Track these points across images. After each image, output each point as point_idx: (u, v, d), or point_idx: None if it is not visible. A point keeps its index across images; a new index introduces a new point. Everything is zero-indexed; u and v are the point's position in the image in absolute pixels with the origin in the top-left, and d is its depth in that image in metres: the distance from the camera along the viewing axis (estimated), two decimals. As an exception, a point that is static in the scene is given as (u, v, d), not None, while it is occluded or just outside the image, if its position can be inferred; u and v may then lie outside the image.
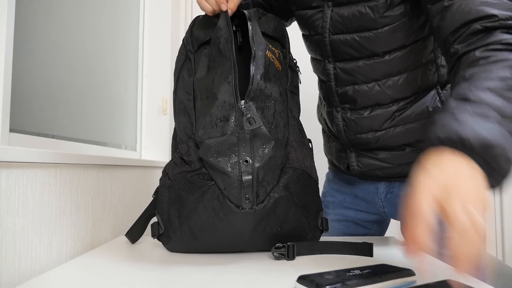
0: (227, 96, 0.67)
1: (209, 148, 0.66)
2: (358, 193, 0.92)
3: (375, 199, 0.89)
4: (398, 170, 0.82)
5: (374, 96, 0.80)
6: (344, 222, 0.95)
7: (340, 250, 0.74)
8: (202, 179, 0.67)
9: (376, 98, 0.80)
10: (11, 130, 0.73)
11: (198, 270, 0.61)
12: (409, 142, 0.80)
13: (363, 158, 0.85)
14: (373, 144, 0.82)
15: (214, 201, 0.65)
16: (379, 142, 0.82)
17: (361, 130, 0.82)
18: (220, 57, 0.70)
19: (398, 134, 0.80)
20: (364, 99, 0.80)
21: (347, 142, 0.86)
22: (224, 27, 0.70)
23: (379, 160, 0.83)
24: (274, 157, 0.67)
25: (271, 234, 0.69)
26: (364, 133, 0.82)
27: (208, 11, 0.74)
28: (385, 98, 0.79)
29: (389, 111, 0.80)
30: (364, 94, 0.80)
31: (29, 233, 0.64)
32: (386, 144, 0.82)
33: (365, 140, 0.82)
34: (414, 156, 0.79)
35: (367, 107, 0.81)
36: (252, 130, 0.66)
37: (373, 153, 0.84)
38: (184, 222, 0.68)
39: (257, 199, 0.64)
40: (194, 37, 0.77)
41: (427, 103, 0.78)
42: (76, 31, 1.04)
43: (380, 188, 0.87)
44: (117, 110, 1.34)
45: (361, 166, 0.85)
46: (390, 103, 0.80)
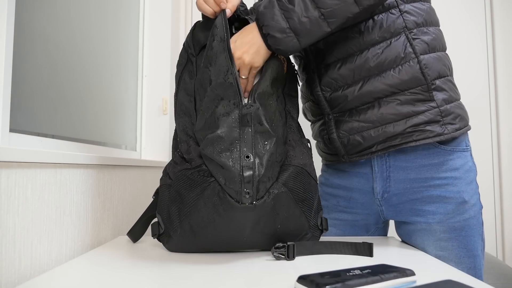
0: (230, 95, 0.67)
1: (211, 142, 0.66)
2: (353, 195, 0.91)
3: (371, 199, 0.89)
4: (379, 132, 0.80)
5: (343, 45, 0.81)
6: (340, 226, 0.94)
7: (340, 250, 0.74)
8: (202, 175, 0.67)
9: (346, 47, 0.81)
10: (11, 130, 0.73)
11: (198, 270, 0.61)
12: (385, 93, 0.79)
13: (342, 124, 0.84)
14: (350, 99, 0.81)
15: (214, 197, 0.65)
16: (355, 95, 0.81)
17: (337, 84, 0.82)
18: (211, 54, 0.70)
19: (373, 84, 0.80)
20: (334, 50, 0.82)
21: (325, 104, 0.85)
22: (220, 25, 0.70)
23: (357, 121, 0.82)
24: (275, 153, 0.67)
25: (271, 232, 0.69)
26: (340, 88, 0.82)
27: (208, 13, 0.74)
28: (354, 45, 0.80)
29: (361, 58, 0.80)
30: (333, 44, 0.81)
31: (29, 233, 0.64)
32: (362, 99, 0.81)
33: (341, 96, 0.82)
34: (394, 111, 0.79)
35: (338, 59, 0.82)
36: (254, 125, 0.66)
37: (351, 115, 0.83)
38: (184, 219, 0.68)
39: (257, 195, 0.64)
40: (195, 40, 0.78)
41: (398, 49, 0.79)
42: (76, 31, 1.04)
43: (376, 188, 0.87)
44: (117, 110, 1.34)
45: (341, 132, 0.84)
46: (360, 50, 0.80)
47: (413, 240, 0.86)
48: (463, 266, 0.81)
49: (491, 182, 1.96)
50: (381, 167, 0.85)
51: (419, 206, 0.83)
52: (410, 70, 0.78)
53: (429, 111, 0.79)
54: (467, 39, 2.00)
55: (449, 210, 0.81)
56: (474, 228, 0.82)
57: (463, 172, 0.82)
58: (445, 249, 0.81)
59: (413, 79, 0.79)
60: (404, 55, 0.79)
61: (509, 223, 1.90)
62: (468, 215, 0.81)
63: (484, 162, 1.96)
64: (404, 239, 0.90)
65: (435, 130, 0.79)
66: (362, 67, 0.80)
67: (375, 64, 0.79)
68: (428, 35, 0.81)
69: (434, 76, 0.80)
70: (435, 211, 0.81)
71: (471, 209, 0.81)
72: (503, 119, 1.96)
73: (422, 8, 0.81)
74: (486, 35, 2.02)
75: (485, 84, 2.00)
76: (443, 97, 0.80)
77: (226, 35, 0.69)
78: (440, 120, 0.79)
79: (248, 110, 0.66)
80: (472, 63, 2.00)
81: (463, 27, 2.01)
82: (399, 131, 0.79)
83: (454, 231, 0.81)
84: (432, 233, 0.82)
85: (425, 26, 0.81)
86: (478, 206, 0.84)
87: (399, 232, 0.92)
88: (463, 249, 0.81)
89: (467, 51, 2.00)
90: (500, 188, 1.94)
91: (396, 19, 0.79)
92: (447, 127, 0.80)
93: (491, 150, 1.97)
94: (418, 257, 0.74)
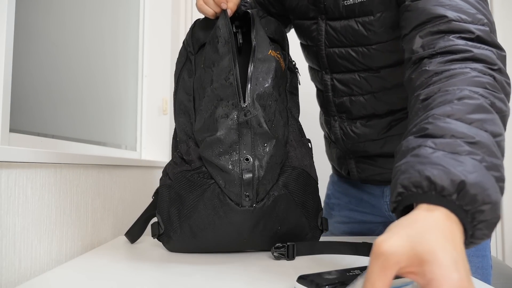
0: (229, 96, 0.67)
1: (209, 145, 0.66)
2: (363, 196, 0.92)
3: (380, 202, 0.89)
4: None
5: (370, 107, 0.81)
6: (349, 224, 0.95)
7: (340, 250, 0.74)
8: (202, 177, 0.67)
9: (372, 109, 0.81)
10: (11, 130, 0.73)
11: (198, 270, 0.61)
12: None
13: (362, 165, 0.86)
14: (371, 152, 0.83)
15: (214, 199, 0.65)
16: (377, 150, 0.83)
17: (358, 139, 0.83)
18: (216, 57, 0.69)
19: (395, 142, 0.81)
20: (361, 110, 0.82)
21: (346, 150, 0.87)
22: (223, 26, 0.70)
23: (378, 167, 0.84)
24: (275, 156, 0.67)
25: (271, 233, 0.69)
26: (361, 142, 0.83)
27: (209, 14, 0.74)
28: (381, 109, 0.80)
29: (385, 121, 0.81)
30: (360, 105, 0.81)
31: (29, 233, 0.64)
32: (383, 151, 0.83)
33: (362, 148, 0.84)
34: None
35: (363, 117, 0.82)
36: (253, 128, 0.66)
37: (371, 159, 0.85)
38: (184, 221, 0.68)
39: (257, 197, 0.64)
40: (194, 38, 0.77)
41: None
42: (76, 31, 1.04)
43: (386, 192, 0.87)
44: (117, 110, 1.34)
45: (361, 171, 0.87)
46: (386, 114, 0.81)
47: None
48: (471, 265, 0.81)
49: (491, 182, 1.95)
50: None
51: None
52: None
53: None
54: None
55: None
56: None
57: None
58: None
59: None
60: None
61: (509, 223, 1.90)
62: None
63: (484, 162, 1.96)
64: None
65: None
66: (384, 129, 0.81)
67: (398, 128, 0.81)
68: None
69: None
70: None
71: None
72: (503, 119, 1.95)
73: None
74: (486, 35, 2.02)
75: (485, 84, 1.99)
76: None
77: (230, 37, 0.69)
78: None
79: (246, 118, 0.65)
80: (472, 63, 1.99)
81: (463, 27, 2.01)
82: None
83: None
84: None
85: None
86: None
87: None
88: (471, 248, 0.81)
89: (467, 51, 2.00)
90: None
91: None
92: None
93: (491, 150, 1.97)
94: (418, 257, 0.74)
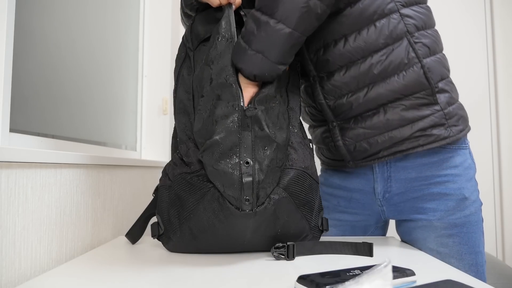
0: (229, 96, 0.66)
1: (209, 148, 0.65)
2: (354, 195, 0.91)
3: (372, 199, 0.88)
4: (386, 138, 0.81)
5: (346, 53, 0.80)
6: (340, 227, 0.94)
7: (340, 250, 0.74)
8: (201, 180, 0.66)
9: (349, 55, 0.80)
10: (11, 130, 0.73)
11: (198, 270, 0.61)
12: (389, 99, 0.80)
13: (347, 131, 0.84)
14: (354, 106, 0.81)
15: (214, 203, 0.64)
16: (359, 103, 0.81)
17: (340, 92, 0.82)
18: (216, 54, 0.69)
19: (377, 90, 0.80)
20: (337, 58, 0.81)
21: (328, 112, 0.85)
22: (226, 23, 0.69)
23: (363, 128, 0.82)
24: (275, 159, 0.66)
25: (271, 235, 0.69)
26: (344, 95, 0.82)
27: (214, 4, 0.73)
28: (357, 53, 0.80)
29: (364, 66, 0.80)
30: (336, 51, 0.80)
31: (29, 233, 0.64)
32: (367, 106, 0.81)
33: (346, 104, 0.82)
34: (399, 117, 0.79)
35: (342, 66, 0.81)
36: (254, 131, 0.65)
37: (356, 122, 0.83)
38: (184, 223, 0.68)
39: (257, 201, 0.63)
40: (194, 34, 0.76)
41: (402, 54, 0.79)
42: (76, 31, 1.04)
43: (377, 188, 0.87)
44: (117, 110, 1.34)
45: (347, 139, 0.84)
46: (364, 57, 0.80)
47: (414, 237, 0.86)
48: (464, 263, 0.82)
49: (491, 182, 1.95)
50: (382, 168, 0.85)
51: (420, 204, 0.83)
52: (414, 75, 0.79)
53: (433, 114, 0.80)
54: (467, 39, 2.00)
55: (449, 207, 0.81)
56: (475, 225, 0.82)
57: (463, 169, 0.82)
58: (446, 246, 0.82)
59: (417, 84, 0.79)
60: (408, 60, 0.79)
61: (509, 223, 1.90)
62: (468, 211, 0.81)
63: (484, 163, 1.96)
64: (404, 237, 0.90)
65: (440, 134, 0.80)
66: (366, 74, 0.80)
67: (379, 71, 0.79)
68: (428, 38, 0.81)
69: (437, 79, 0.80)
70: (436, 208, 0.82)
71: (471, 205, 0.82)
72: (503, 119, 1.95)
73: (421, 11, 0.81)
74: (486, 35, 2.02)
75: (485, 85, 1.99)
76: (446, 100, 0.81)
77: (233, 36, 0.68)
78: (445, 123, 0.80)
79: (251, 113, 0.65)
80: (472, 63, 2.00)
81: (463, 27, 2.01)
82: (405, 136, 0.80)
83: (455, 227, 0.81)
84: (433, 230, 0.83)
85: (424, 29, 0.81)
86: (478, 203, 0.84)
87: (399, 230, 0.92)
88: (465, 245, 0.81)
89: (467, 51, 2.00)
90: (500, 188, 1.94)
91: (398, 24, 0.79)
92: (451, 129, 0.80)
93: (491, 151, 1.97)
94: (418, 257, 0.74)
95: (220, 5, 0.73)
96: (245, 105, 0.67)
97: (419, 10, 0.81)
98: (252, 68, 0.68)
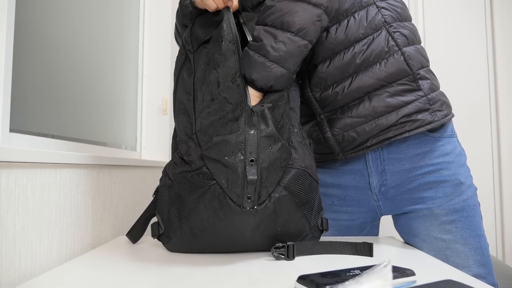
0: (237, 97, 0.67)
1: (215, 145, 0.66)
2: (348, 193, 0.91)
3: (368, 194, 0.88)
4: (373, 125, 0.82)
5: (329, 45, 0.82)
6: (336, 226, 0.94)
7: (340, 250, 0.74)
8: (202, 178, 0.67)
9: (332, 46, 0.82)
10: (11, 130, 0.73)
11: (198, 270, 0.61)
12: (374, 87, 0.82)
13: (335, 122, 0.85)
14: (340, 97, 0.83)
15: (214, 201, 0.65)
16: (345, 92, 0.82)
17: (326, 84, 0.84)
18: (221, 57, 0.69)
19: (361, 79, 0.82)
20: (320, 49, 0.83)
21: (315, 104, 0.86)
22: (227, 26, 0.70)
23: (350, 117, 0.83)
24: (279, 159, 0.67)
25: (271, 234, 0.69)
26: (329, 86, 0.84)
27: (211, 8, 0.74)
28: (340, 44, 0.82)
29: (348, 56, 0.82)
30: (318, 44, 0.82)
31: (29, 233, 0.64)
32: (352, 95, 0.83)
33: (332, 95, 0.83)
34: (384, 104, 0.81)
35: (325, 58, 0.83)
36: (259, 130, 0.66)
37: (342, 112, 0.84)
38: (184, 221, 0.68)
39: (258, 199, 0.64)
40: (194, 36, 0.77)
41: (382, 43, 0.82)
42: (76, 31, 1.04)
43: (372, 182, 0.87)
44: (117, 110, 1.34)
45: (335, 130, 0.85)
46: (346, 48, 0.82)
47: (415, 228, 0.86)
48: (470, 247, 0.82)
49: (491, 182, 1.96)
50: (376, 161, 0.86)
51: (417, 194, 0.84)
52: (395, 62, 0.82)
53: (417, 100, 0.82)
54: (467, 39, 2.00)
55: (447, 193, 0.82)
56: (474, 209, 0.84)
57: (455, 156, 0.84)
58: (450, 232, 0.82)
59: (399, 71, 0.82)
60: (388, 48, 0.82)
61: (509, 223, 1.90)
62: (466, 195, 0.83)
63: (484, 164, 1.96)
64: (404, 231, 0.89)
65: (426, 119, 0.82)
66: (349, 64, 0.82)
67: (362, 60, 0.82)
68: (405, 29, 0.85)
69: (418, 66, 0.83)
70: (434, 196, 0.83)
71: (468, 190, 0.84)
72: (503, 120, 1.96)
73: (396, 5, 0.86)
74: (486, 35, 2.02)
75: (485, 85, 2.00)
76: (429, 86, 0.84)
77: (236, 38, 0.69)
78: (429, 108, 0.82)
79: (258, 109, 0.66)
80: (472, 63, 2.00)
81: (463, 27, 2.01)
82: (392, 123, 0.82)
83: (455, 212, 0.82)
84: (434, 218, 0.83)
85: (401, 21, 0.85)
86: (473, 187, 0.86)
87: (398, 225, 0.91)
88: (467, 229, 0.82)
89: (467, 51, 2.00)
90: (500, 189, 1.94)
91: (375, 15, 0.83)
92: (436, 114, 0.83)
93: (491, 151, 1.97)
94: (418, 257, 0.74)
95: (217, 9, 0.74)
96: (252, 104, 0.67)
97: (394, 3, 0.86)
98: (269, 79, 0.71)
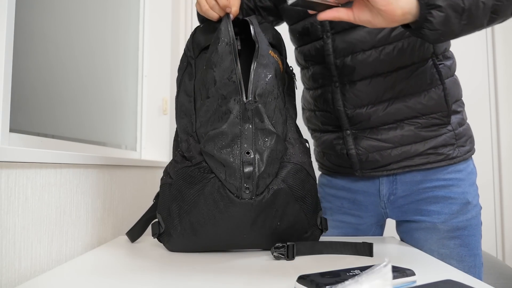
0: (232, 92, 0.69)
1: (212, 139, 0.68)
2: (357, 197, 0.91)
3: (376, 201, 0.89)
4: (399, 152, 0.82)
5: (372, 63, 0.80)
6: (343, 228, 0.94)
7: (340, 250, 0.74)
8: (202, 172, 0.69)
9: (374, 66, 0.80)
10: (11, 130, 0.73)
11: (198, 270, 0.61)
12: (407, 116, 0.81)
13: (361, 140, 0.84)
14: (372, 118, 0.82)
15: (214, 193, 0.67)
16: (378, 116, 0.82)
17: (361, 103, 0.82)
18: (218, 58, 0.71)
19: (397, 107, 0.81)
20: (363, 68, 0.81)
21: (345, 119, 0.85)
22: (225, 29, 0.72)
23: (378, 140, 0.83)
24: (275, 150, 0.69)
25: (271, 229, 0.70)
26: (364, 106, 0.82)
27: (214, 18, 0.76)
28: (384, 66, 0.80)
29: (389, 80, 0.80)
30: (363, 61, 0.81)
31: (29, 233, 0.64)
32: (384, 119, 0.82)
33: (364, 115, 0.82)
34: (413, 134, 0.81)
35: (366, 77, 0.81)
36: (254, 123, 0.68)
37: (371, 133, 0.83)
38: (184, 216, 0.69)
39: (256, 190, 0.66)
40: (195, 43, 0.79)
41: (426, 74, 0.80)
42: (76, 31, 1.04)
43: (382, 190, 0.87)
44: (117, 110, 1.34)
45: (360, 149, 0.84)
46: (389, 72, 0.80)
47: (415, 238, 0.86)
48: (464, 265, 0.82)
49: (491, 182, 1.95)
50: None
51: (424, 206, 0.84)
52: (435, 97, 0.81)
53: (445, 134, 0.82)
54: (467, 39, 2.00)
55: (453, 210, 0.82)
56: (476, 228, 0.84)
57: (466, 174, 0.84)
58: (447, 247, 0.83)
59: (436, 106, 0.81)
60: (430, 81, 0.81)
61: (509, 223, 1.90)
62: (470, 215, 0.83)
63: (484, 163, 1.96)
64: (404, 237, 0.90)
65: (449, 153, 0.83)
66: (388, 88, 0.81)
67: (402, 88, 0.81)
68: (449, 59, 0.84)
69: (453, 101, 0.83)
70: (440, 211, 0.83)
71: (473, 209, 0.84)
72: (503, 119, 1.96)
73: None
74: (486, 35, 2.02)
75: (485, 84, 2.00)
76: (458, 121, 0.84)
77: (232, 39, 0.70)
78: (454, 143, 0.83)
79: (250, 106, 0.67)
80: (472, 63, 2.00)
81: (463, 27, 2.01)
82: (418, 152, 0.82)
83: (457, 230, 0.82)
84: (436, 232, 0.83)
85: (447, 50, 0.84)
86: (479, 207, 0.86)
87: (399, 230, 0.92)
88: (465, 248, 0.83)
89: (467, 51, 2.00)
90: (500, 189, 1.94)
91: (426, 44, 0.80)
92: (460, 149, 0.84)
93: (491, 151, 1.97)
94: (418, 257, 0.74)
95: (219, 18, 0.75)
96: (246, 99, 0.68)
97: None
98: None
